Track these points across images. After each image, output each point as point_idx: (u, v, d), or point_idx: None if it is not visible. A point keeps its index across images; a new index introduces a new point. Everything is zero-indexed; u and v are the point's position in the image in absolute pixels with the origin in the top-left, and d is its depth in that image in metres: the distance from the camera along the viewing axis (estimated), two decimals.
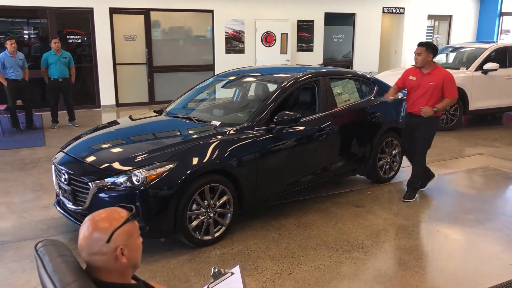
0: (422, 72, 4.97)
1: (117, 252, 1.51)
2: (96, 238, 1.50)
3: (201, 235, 3.91)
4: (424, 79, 4.92)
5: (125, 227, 1.53)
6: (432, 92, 4.88)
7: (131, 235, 1.56)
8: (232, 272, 1.93)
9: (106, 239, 1.49)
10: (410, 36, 14.39)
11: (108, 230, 1.50)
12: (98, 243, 1.50)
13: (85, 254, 1.52)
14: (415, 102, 4.98)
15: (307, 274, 3.53)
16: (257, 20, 12.11)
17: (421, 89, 4.92)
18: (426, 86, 4.88)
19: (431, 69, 4.92)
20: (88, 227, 1.52)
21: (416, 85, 4.97)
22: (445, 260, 3.81)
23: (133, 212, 1.58)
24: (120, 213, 1.56)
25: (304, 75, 4.92)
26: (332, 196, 5.18)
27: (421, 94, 4.91)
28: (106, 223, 1.52)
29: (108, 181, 3.66)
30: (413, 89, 5.01)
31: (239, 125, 4.29)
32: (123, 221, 1.53)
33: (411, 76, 5.04)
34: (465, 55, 9.58)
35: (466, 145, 7.72)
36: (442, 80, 4.85)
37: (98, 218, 1.54)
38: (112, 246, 1.50)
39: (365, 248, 3.95)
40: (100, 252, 1.50)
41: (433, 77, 4.89)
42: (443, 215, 4.78)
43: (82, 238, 1.52)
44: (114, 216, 1.54)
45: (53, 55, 8.60)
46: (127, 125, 4.86)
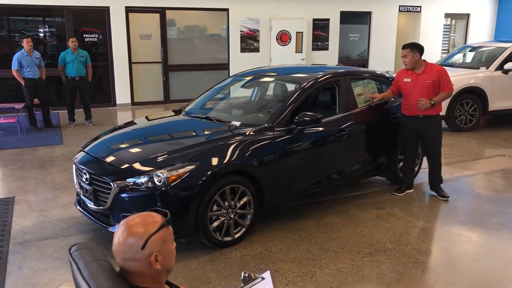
0: (415, 72, 4.91)
1: (151, 258, 1.49)
2: (131, 244, 1.48)
3: (222, 236, 3.90)
4: (420, 79, 4.86)
5: (160, 233, 1.51)
6: (430, 89, 4.84)
7: (165, 241, 1.54)
8: (263, 277, 1.91)
9: (141, 245, 1.47)
10: (427, 35, 14.24)
11: (143, 236, 1.48)
12: (132, 249, 1.47)
13: (119, 259, 1.50)
14: (415, 103, 4.88)
15: (329, 277, 3.49)
16: (272, 19, 12.07)
17: (418, 89, 4.85)
18: (424, 85, 4.83)
19: (423, 68, 4.88)
20: (123, 232, 1.50)
21: (413, 86, 4.90)
22: (469, 264, 3.74)
23: (168, 218, 1.55)
24: (154, 217, 1.54)
25: (324, 75, 4.87)
26: (352, 198, 5.12)
27: (420, 94, 4.84)
28: (141, 228, 1.49)
29: (130, 181, 3.66)
30: (410, 91, 4.92)
31: (260, 125, 4.26)
32: (158, 227, 1.51)
33: (405, 79, 4.97)
34: (484, 55, 9.43)
35: (486, 146, 7.59)
36: (438, 75, 4.84)
37: (133, 223, 1.51)
38: (146, 253, 1.48)
39: (387, 251, 3.89)
40: (135, 258, 1.48)
41: (428, 74, 4.84)
42: (465, 218, 4.70)
43: (117, 243, 1.50)
44: (149, 222, 1.52)
45: (70, 54, 8.65)
46: (147, 125, 4.86)
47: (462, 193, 5.35)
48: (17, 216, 4.62)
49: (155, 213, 1.57)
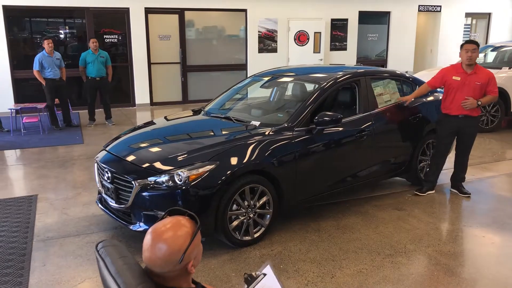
0: (465, 72, 4.86)
1: (188, 267, 1.50)
2: (168, 259, 1.45)
3: (241, 235, 3.90)
4: (470, 79, 4.82)
5: (195, 241, 1.50)
6: (477, 91, 4.83)
7: (197, 245, 1.54)
8: (264, 273, 1.89)
9: (178, 259, 1.45)
10: (447, 35, 14.06)
11: (180, 251, 1.45)
12: (170, 264, 1.45)
13: (156, 270, 1.47)
14: (461, 103, 4.85)
15: (349, 278, 3.47)
16: (290, 19, 12.05)
17: (466, 89, 4.83)
18: (473, 86, 4.80)
19: (474, 69, 4.86)
20: (156, 246, 1.45)
21: (461, 85, 4.86)
22: (493, 267, 3.68)
23: (199, 225, 1.53)
24: (185, 225, 1.50)
25: (344, 75, 4.84)
26: (371, 199, 5.08)
27: (467, 94, 4.81)
28: (178, 241, 1.45)
29: (151, 180, 3.69)
30: (457, 90, 4.90)
31: (279, 125, 4.26)
32: (192, 237, 1.48)
33: (455, 77, 4.92)
34: (507, 55, 9.26)
35: (508, 147, 7.45)
36: (488, 78, 4.83)
37: (166, 237, 1.46)
38: (184, 264, 1.48)
39: (408, 253, 3.85)
40: (173, 270, 1.48)
41: (479, 76, 4.83)
42: (488, 220, 4.62)
43: (151, 258, 1.45)
44: (182, 232, 1.47)
45: (91, 54, 8.78)
46: (167, 125, 4.90)
47: (484, 195, 5.26)
48: (40, 214, 4.70)
49: (183, 218, 1.53)
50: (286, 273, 3.55)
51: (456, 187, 5.23)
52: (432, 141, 5.39)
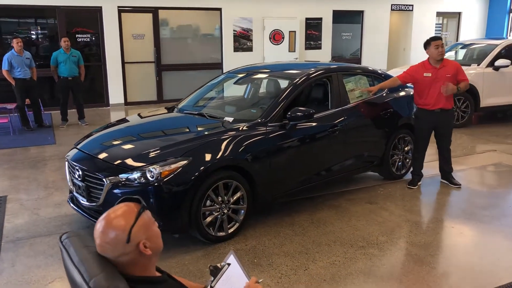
0: (434, 67, 5.01)
1: (140, 247, 1.50)
2: (115, 240, 1.46)
3: (215, 231, 3.90)
4: (440, 73, 4.99)
5: (140, 221, 1.51)
6: (450, 82, 4.96)
7: (148, 227, 1.54)
8: (228, 263, 1.92)
9: (125, 239, 1.47)
10: (419, 34, 14.30)
11: (125, 230, 1.47)
12: (119, 245, 1.47)
13: (110, 257, 1.49)
14: (437, 97, 5.01)
15: (322, 270, 3.51)
16: (265, 18, 12.09)
17: (439, 83, 4.98)
18: (444, 79, 4.96)
19: (442, 62, 5.04)
20: (103, 230, 1.48)
21: (433, 81, 5.01)
22: (461, 256, 3.77)
23: (143, 204, 1.55)
24: (129, 208, 1.53)
25: (316, 71, 4.89)
26: (345, 193, 5.15)
27: (439, 88, 4.96)
28: (121, 222, 1.48)
29: (122, 177, 3.65)
30: (430, 85, 5.04)
31: (252, 121, 4.27)
32: (136, 216, 1.50)
33: (426, 73, 5.07)
34: (476, 52, 9.49)
35: (478, 142, 7.65)
36: (456, 69, 5.03)
37: (110, 219, 1.49)
38: (133, 244, 1.48)
39: (380, 244, 3.92)
40: (124, 252, 1.48)
41: (448, 68, 5.01)
42: (457, 212, 4.74)
43: (101, 244, 1.48)
44: (126, 213, 1.51)
45: (63, 54, 8.63)
46: (140, 122, 4.86)
47: (453, 187, 5.38)
48: (9, 215, 4.60)
49: (128, 203, 1.55)
50: (260, 267, 3.56)
51: (446, 179, 5.40)
52: (403, 135, 5.49)
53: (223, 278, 1.95)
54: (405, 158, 5.61)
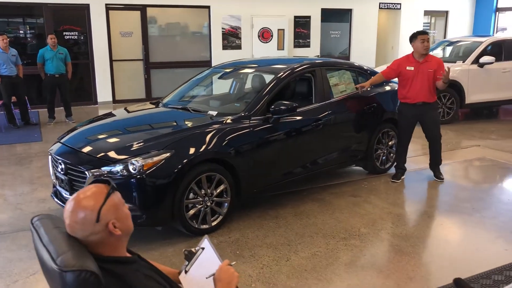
0: (418, 61, 5.07)
1: (109, 227, 1.52)
2: (84, 219, 1.48)
3: (198, 223, 3.92)
4: (422, 67, 5.05)
5: (109, 202, 1.53)
6: (431, 77, 5.05)
7: (117, 207, 1.56)
8: (202, 247, 1.96)
9: (94, 219, 1.49)
10: (407, 32, 14.31)
11: (94, 209, 1.49)
12: (88, 225, 1.49)
13: (80, 237, 1.51)
14: (418, 91, 5.07)
15: (304, 261, 3.54)
16: (253, 16, 12.11)
17: (421, 77, 5.04)
18: (426, 73, 5.02)
19: (425, 57, 5.10)
20: (72, 210, 1.50)
21: (415, 74, 5.07)
22: (441, 246, 3.83)
23: (112, 185, 1.57)
24: (99, 189, 1.55)
25: (300, 66, 4.92)
26: (329, 187, 5.19)
27: (422, 82, 5.03)
28: (90, 202, 1.50)
29: (105, 169, 3.66)
30: (412, 79, 5.10)
31: (236, 114, 4.30)
32: (105, 197, 1.52)
33: (409, 67, 5.13)
34: (462, 49, 9.60)
35: (463, 137, 7.74)
36: (438, 65, 5.08)
37: (79, 199, 1.51)
38: (103, 223, 1.50)
39: (361, 236, 3.96)
40: (93, 232, 1.50)
41: (430, 63, 5.07)
42: (439, 204, 4.81)
43: (70, 224, 1.50)
44: (96, 194, 1.53)
45: (50, 51, 8.58)
46: (123, 117, 4.86)
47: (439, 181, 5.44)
48: None
49: (98, 184, 1.57)
50: (242, 258, 3.59)
51: (433, 170, 5.47)
52: (387, 130, 5.54)
53: (197, 262, 1.98)
54: (389, 153, 5.66)
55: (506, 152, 6.69)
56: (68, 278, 1.35)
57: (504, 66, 8.96)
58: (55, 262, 1.37)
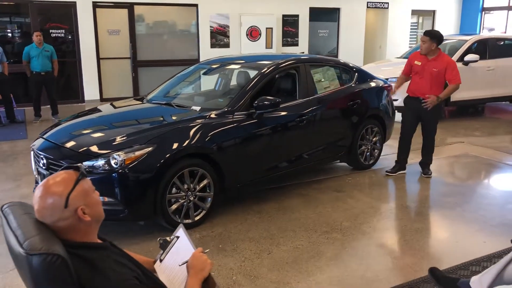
0: (427, 58, 5.16)
1: (78, 213, 1.52)
2: (53, 205, 1.49)
3: (181, 218, 3.92)
4: (428, 65, 5.11)
5: (79, 187, 1.54)
6: (435, 77, 5.09)
7: (86, 193, 1.57)
8: (177, 236, 1.97)
9: (63, 204, 1.49)
10: (395, 31, 14.53)
11: (62, 195, 1.50)
12: (57, 210, 1.49)
13: (48, 223, 1.51)
14: (419, 86, 5.18)
15: (285, 254, 3.56)
16: (242, 15, 12.12)
17: (425, 74, 5.13)
18: (430, 72, 5.09)
19: (435, 56, 5.12)
20: (41, 196, 1.50)
21: (421, 70, 5.17)
22: (422, 239, 3.87)
23: (81, 171, 1.58)
24: (68, 175, 1.55)
25: (284, 62, 4.95)
26: (313, 182, 5.22)
27: (425, 79, 5.11)
28: (59, 187, 1.51)
29: (87, 164, 3.65)
30: (418, 74, 5.22)
31: (219, 109, 4.31)
32: (74, 183, 1.53)
33: (417, 61, 5.26)
34: (447, 47, 9.68)
35: (448, 134, 7.82)
36: (445, 66, 5.07)
37: (49, 185, 1.52)
38: (71, 209, 1.51)
39: (343, 229, 4.00)
40: (62, 217, 1.50)
41: (437, 63, 5.09)
42: (422, 199, 4.86)
43: (38, 209, 1.51)
44: (64, 180, 1.53)
45: (35, 48, 8.52)
46: (106, 112, 4.84)
47: (420, 177, 5.50)
48: None
49: (68, 170, 1.58)
50: (224, 251, 3.61)
51: (422, 167, 5.53)
52: (371, 126, 5.59)
53: (172, 251, 2.00)
54: (373, 149, 5.71)
55: (489, 148, 6.77)
56: (34, 262, 1.35)
57: (489, 64, 9.07)
58: (22, 246, 1.37)
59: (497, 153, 6.51)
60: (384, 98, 5.76)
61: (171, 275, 1.93)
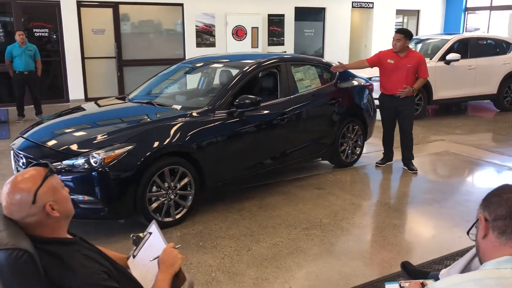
0: (398, 55, 5.32)
1: (47, 209, 1.54)
2: (20, 201, 1.51)
3: (162, 216, 3.94)
4: (402, 62, 5.28)
5: (47, 184, 1.56)
6: (409, 73, 5.29)
7: (55, 189, 1.59)
8: (150, 232, 2.01)
9: (31, 200, 1.51)
10: (380, 31, 14.66)
11: (30, 191, 1.52)
12: (24, 206, 1.51)
13: (16, 219, 1.53)
14: (394, 83, 5.32)
15: (265, 250, 3.61)
16: (227, 14, 12.14)
17: (399, 71, 5.28)
18: (405, 68, 5.26)
19: (406, 52, 5.32)
20: (9, 193, 1.52)
21: (394, 68, 5.31)
22: (399, 234, 3.94)
23: (50, 167, 1.60)
24: (36, 171, 1.57)
25: (266, 61, 4.99)
26: (295, 180, 5.27)
27: (400, 76, 5.26)
28: (27, 184, 1.53)
29: (66, 163, 3.66)
30: (391, 72, 5.35)
31: (200, 108, 4.33)
32: (43, 178, 1.55)
33: (389, 60, 5.38)
34: (430, 46, 9.81)
35: (429, 132, 7.93)
36: (418, 61, 5.29)
37: (17, 181, 1.54)
38: (40, 205, 1.53)
39: (323, 226, 4.05)
40: (30, 213, 1.52)
41: (410, 59, 5.28)
42: (401, 195, 4.94)
43: (6, 206, 1.52)
44: (33, 176, 1.55)
45: (18, 48, 8.45)
46: (88, 111, 4.84)
47: (402, 174, 5.58)
48: None
49: (37, 167, 1.60)
50: (204, 249, 3.64)
51: (406, 165, 5.65)
52: (352, 124, 5.65)
53: (145, 247, 2.03)
54: (355, 147, 5.78)
55: (469, 145, 6.89)
56: (0, 257, 1.37)
57: (470, 63, 9.21)
58: None
59: (477, 151, 6.62)
60: (365, 97, 5.83)
61: (143, 271, 1.95)
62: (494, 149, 6.75)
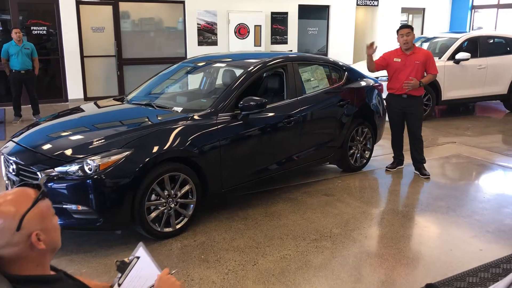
0: (405, 53, 5.14)
1: (32, 239, 1.29)
2: (3, 227, 1.25)
3: (161, 227, 3.70)
4: (409, 59, 5.09)
5: (36, 209, 1.31)
6: (418, 69, 5.10)
7: (44, 217, 1.33)
8: (137, 256, 1.74)
9: (15, 226, 1.26)
10: (384, 29, 14.38)
11: (16, 215, 1.27)
12: (6, 233, 1.26)
13: None
14: (403, 82, 5.09)
15: (272, 265, 3.36)
16: (230, 12, 11.88)
17: (408, 69, 5.08)
18: (413, 65, 5.07)
19: (412, 49, 5.14)
20: None
21: (402, 66, 5.12)
22: (415, 248, 3.69)
23: (42, 190, 1.35)
24: (26, 192, 1.33)
25: (272, 60, 4.73)
26: (302, 186, 5.02)
27: (408, 74, 5.06)
28: (12, 207, 1.27)
29: (59, 170, 3.41)
30: (399, 71, 5.15)
31: (202, 111, 4.08)
32: (32, 203, 1.30)
33: (396, 58, 5.19)
34: (438, 45, 9.55)
35: (439, 134, 7.67)
36: (426, 57, 5.11)
37: (1, 203, 1.28)
38: (24, 233, 1.27)
39: (333, 237, 3.80)
40: (11, 243, 1.26)
41: (417, 55, 5.10)
42: (414, 203, 4.68)
43: None
44: (20, 198, 1.31)
45: (14, 46, 8.21)
46: (84, 113, 4.59)
47: (413, 179, 5.33)
48: None
49: (27, 188, 1.35)
50: (207, 263, 3.39)
51: (417, 169, 5.42)
52: (362, 127, 5.40)
53: (132, 274, 1.76)
54: (364, 150, 5.52)
55: (481, 148, 6.63)
56: None
57: (480, 63, 8.94)
58: None
59: (490, 154, 6.36)
60: (374, 98, 5.58)
61: None
62: (508, 152, 6.48)
